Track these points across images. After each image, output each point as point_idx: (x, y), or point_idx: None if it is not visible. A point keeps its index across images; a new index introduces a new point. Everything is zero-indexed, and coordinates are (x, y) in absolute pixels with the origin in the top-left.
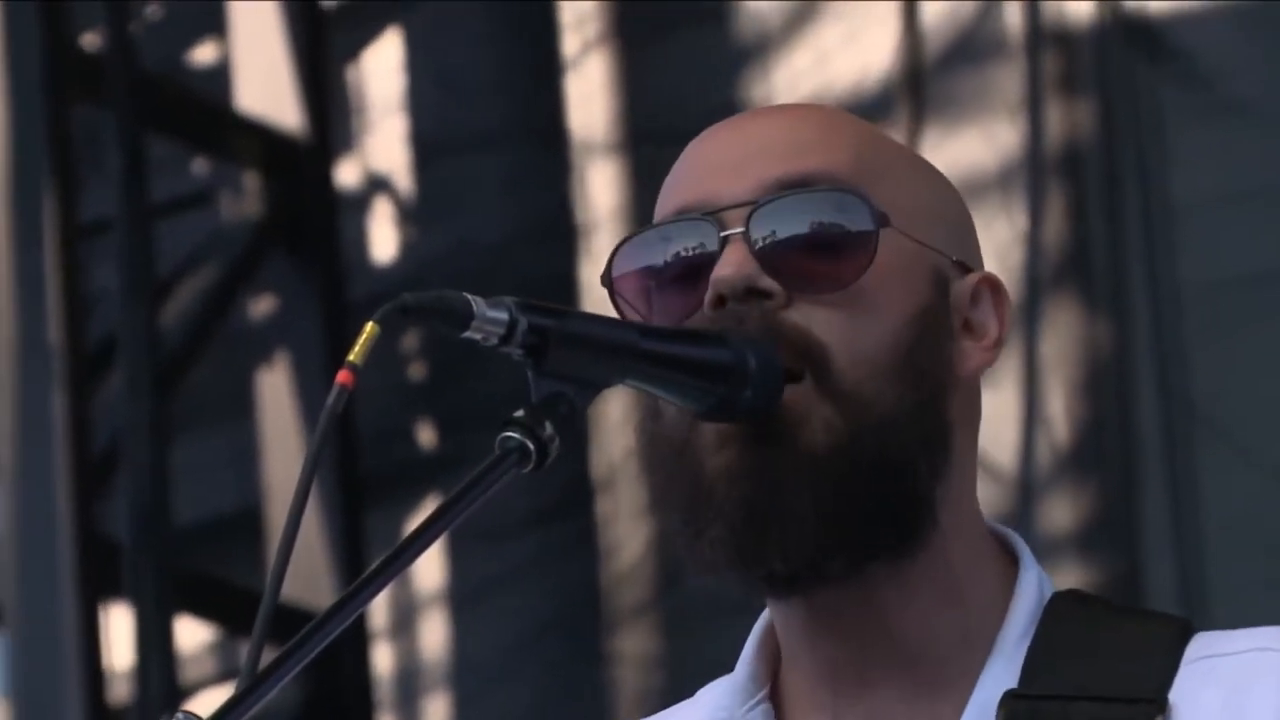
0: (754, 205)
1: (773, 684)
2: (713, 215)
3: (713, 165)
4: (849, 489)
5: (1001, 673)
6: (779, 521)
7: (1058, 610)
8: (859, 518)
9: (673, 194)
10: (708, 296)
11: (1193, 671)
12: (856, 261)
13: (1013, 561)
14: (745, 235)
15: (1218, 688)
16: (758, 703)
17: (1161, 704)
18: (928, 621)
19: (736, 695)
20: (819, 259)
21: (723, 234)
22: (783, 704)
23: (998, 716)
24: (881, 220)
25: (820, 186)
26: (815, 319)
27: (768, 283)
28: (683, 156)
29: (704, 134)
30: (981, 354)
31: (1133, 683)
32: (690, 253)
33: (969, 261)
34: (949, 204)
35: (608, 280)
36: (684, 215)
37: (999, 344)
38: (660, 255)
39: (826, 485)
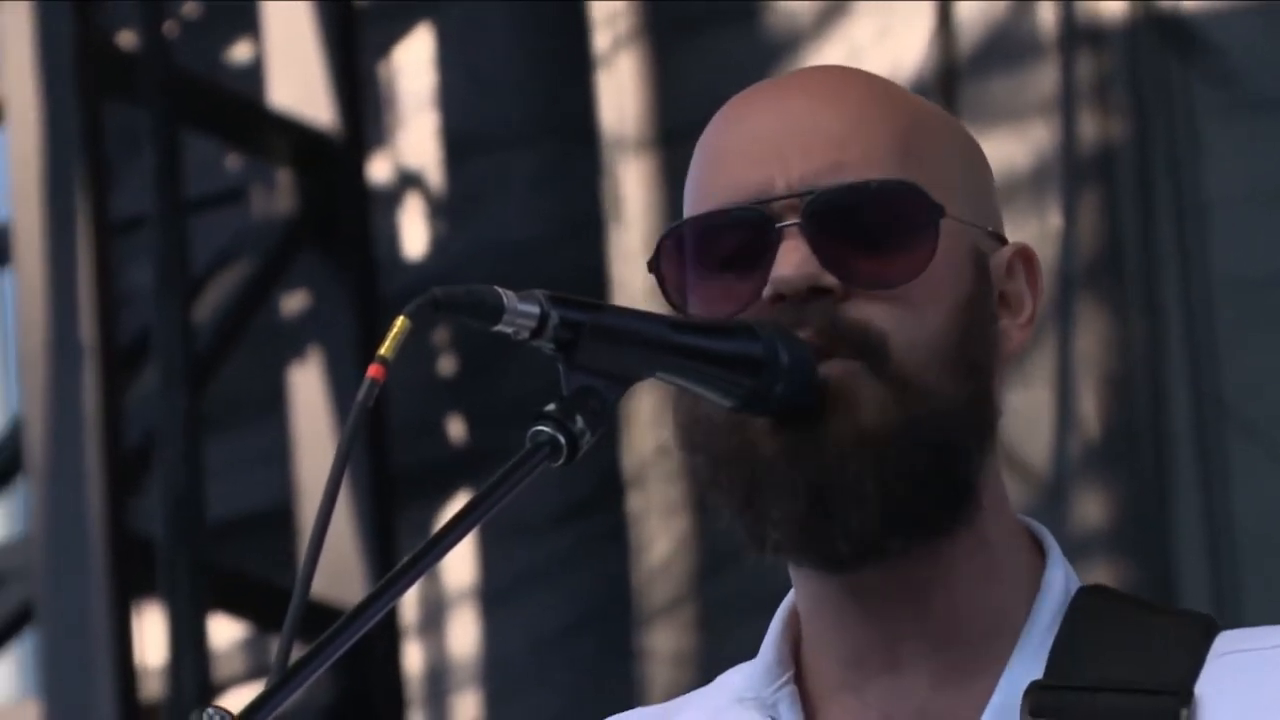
0: (808, 196)
1: (797, 667)
2: (765, 205)
3: (756, 148)
4: (908, 470)
5: (1028, 662)
6: (844, 502)
7: (1084, 603)
8: (917, 498)
9: (716, 175)
10: (767, 292)
11: (1220, 665)
12: (916, 258)
13: (1040, 553)
14: (801, 228)
15: (1244, 681)
16: (784, 684)
17: (1186, 696)
18: (964, 601)
19: (762, 677)
20: (877, 256)
21: (778, 225)
22: (808, 686)
23: (1023, 705)
24: (939, 212)
25: (874, 177)
26: (873, 312)
27: (829, 280)
28: (717, 129)
29: (738, 104)
30: (1019, 332)
31: (1158, 675)
32: (744, 244)
33: (999, 228)
34: (981, 171)
35: (656, 268)
36: (735, 205)
37: (1033, 319)
38: (711, 245)
39: (887, 466)
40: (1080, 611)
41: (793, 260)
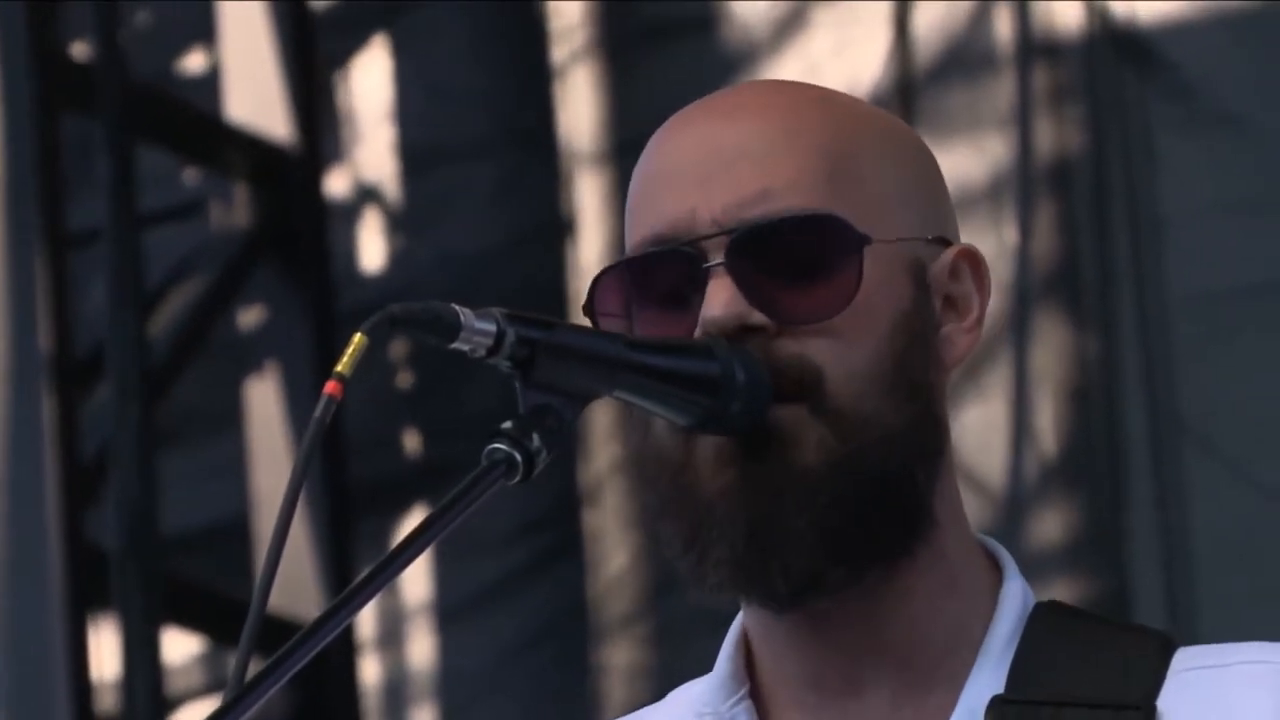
0: (732, 232)
1: (752, 682)
2: (691, 244)
3: (680, 176)
4: (846, 503)
5: (988, 676)
6: (779, 541)
7: (1042, 618)
8: (858, 530)
9: (645, 203)
10: (698, 333)
11: (1179, 681)
12: (842, 290)
13: (995, 569)
14: (727, 266)
15: (1204, 698)
16: (740, 700)
17: (1149, 711)
18: (924, 617)
19: (718, 692)
20: (803, 290)
21: (705, 265)
22: (764, 701)
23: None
24: (863, 241)
25: (799, 206)
26: (808, 345)
27: (758, 318)
28: (648, 154)
29: (668, 128)
30: (965, 336)
31: (1120, 690)
32: (675, 284)
33: (944, 231)
34: (923, 177)
35: (590, 311)
36: (662, 244)
37: (980, 320)
38: (642, 286)
39: (823, 501)
40: (1039, 626)
41: (720, 300)
